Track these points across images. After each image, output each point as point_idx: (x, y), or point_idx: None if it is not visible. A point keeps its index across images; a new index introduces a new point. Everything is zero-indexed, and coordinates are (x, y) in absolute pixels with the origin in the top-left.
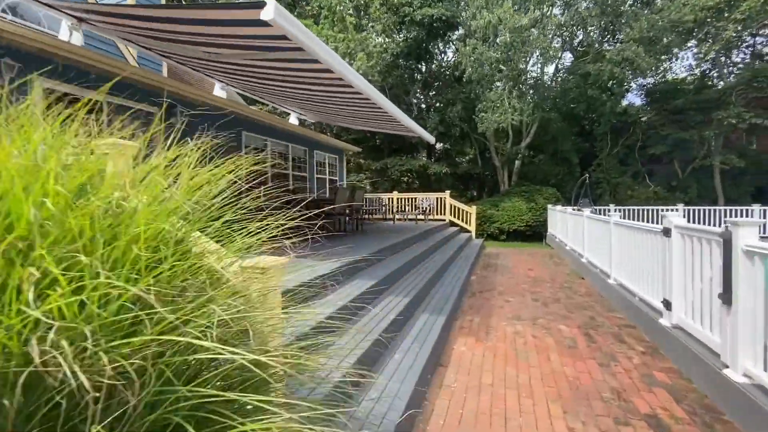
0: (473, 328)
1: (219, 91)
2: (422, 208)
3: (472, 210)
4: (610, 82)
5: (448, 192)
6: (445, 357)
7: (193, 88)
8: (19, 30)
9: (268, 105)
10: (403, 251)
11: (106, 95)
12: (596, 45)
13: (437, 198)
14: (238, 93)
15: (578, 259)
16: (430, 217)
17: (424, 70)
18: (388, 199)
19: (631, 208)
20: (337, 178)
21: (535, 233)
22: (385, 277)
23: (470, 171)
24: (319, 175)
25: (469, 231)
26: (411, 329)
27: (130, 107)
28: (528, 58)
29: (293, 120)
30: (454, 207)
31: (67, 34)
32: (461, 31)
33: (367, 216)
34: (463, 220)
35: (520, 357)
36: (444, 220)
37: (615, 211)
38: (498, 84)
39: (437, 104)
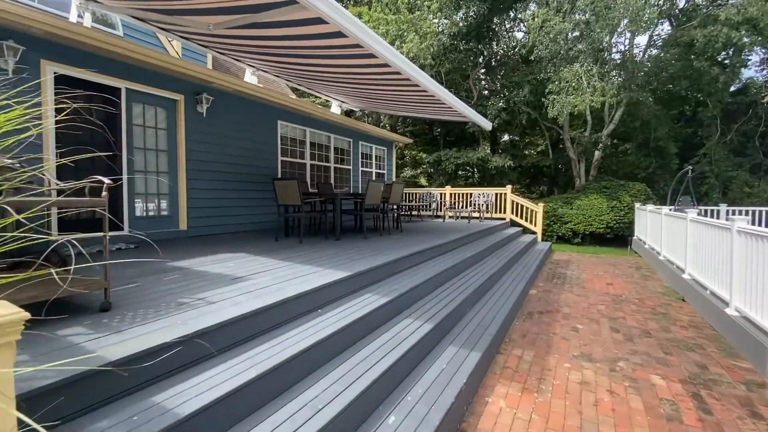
0: (521, 370)
1: (249, 77)
2: (478, 204)
3: (539, 208)
4: (725, 50)
5: (509, 187)
6: (469, 422)
7: (219, 74)
8: (22, 10)
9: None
10: (442, 257)
11: (125, 81)
12: (704, 8)
13: (497, 194)
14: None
15: (677, 274)
16: (487, 215)
17: (485, 51)
18: (440, 194)
19: (749, 209)
20: (384, 172)
21: (617, 237)
22: (405, 293)
23: (539, 164)
24: (364, 168)
25: (533, 232)
26: (426, 372)
27: (152, 93)
28: (613, 29)
29: (335, 109)
30: (517, 204)
31: (76, 15)
32: (531, 2)
33: (414, 213)
34: (526, 220)
35: (587, 431)
36: (504, 219)
37: (735, 213)
38: (575, 65)
39: (501, 89)
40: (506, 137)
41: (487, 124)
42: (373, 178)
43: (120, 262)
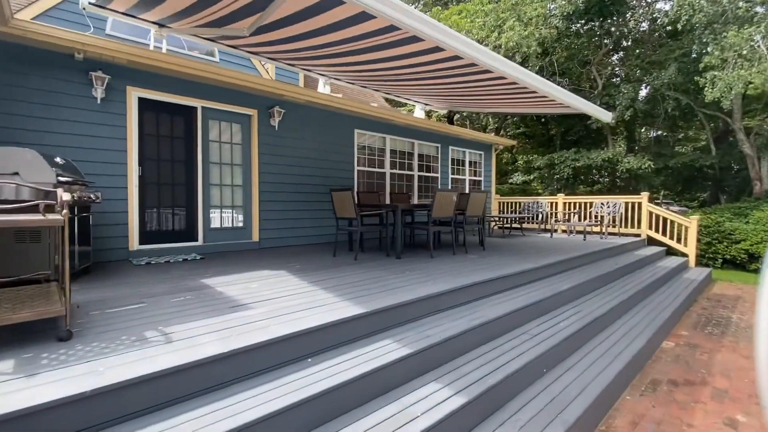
0: None
1: (322, 87)
2: (600, 216)
3: (691, 222)
4: None
5: (645, 194)
6: None
7: (290, 86)
8: (109, 44)
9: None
10: (523, 288)
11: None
12: None
13: (627, 203)
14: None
15: None
16: (613, 229)
17: (612, 29)
18: (550, 203)
19: None
20: (481, 179)
21: None
22: (436, 344)
23: (696, 163)
24: (455, 176)
25: (683, 254)
26: None
27: (225, 110)
28: None
29: (419, 113)
30: (657, 216)
31: (154, 42)
32: None
33: (516, 225)
34: (672, 237)
35: None
36: (638, 236)
37: None
38: (747, 28)
39: (635, 72)
40: (649, 132)
41: (605, 116)
42: (469, 187)
43: (150, 277)
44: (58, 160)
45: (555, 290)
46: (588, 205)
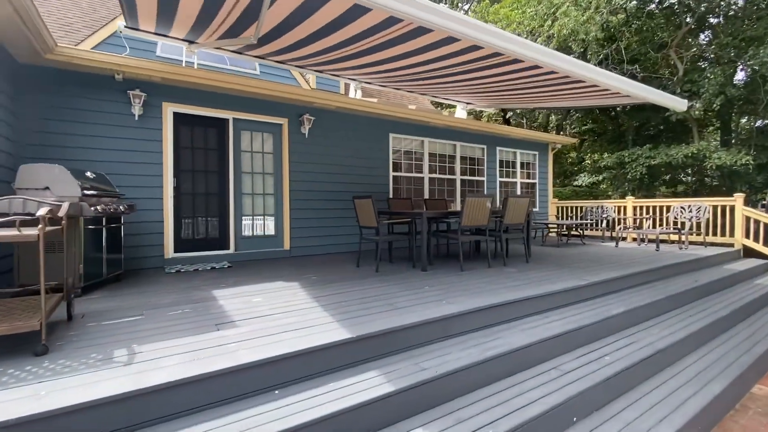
0: None
1: (353, 92)
2: (679, 222)
3: None
4: None
5: (739, 196)
6: None
7: (319, 92)
8: (144, 63)
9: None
10: (563, 310)
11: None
12: None
13: (715, 206)
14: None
15: None
16: (697, 238)
17: (695, 5)
18: (616, 208)
19: None
20: (535, 181)
21: None
22: (431, 381)
23: None
24: (505, 178)
25: None
26: None
27: (255, 120)
28: None
29: (460, 113)
30: (758, 222)
31: (198, 61)
32: None
33: (576, 233)
34: None
35: None
36: (730, 246)
37: None
38: None
39: (727, 52)
40: (752, 121)
41: (678, 104)
42: (521, 190)
43: (170, 286)
44: (88, 174)
45: (603, 314)
46: (664, 209)
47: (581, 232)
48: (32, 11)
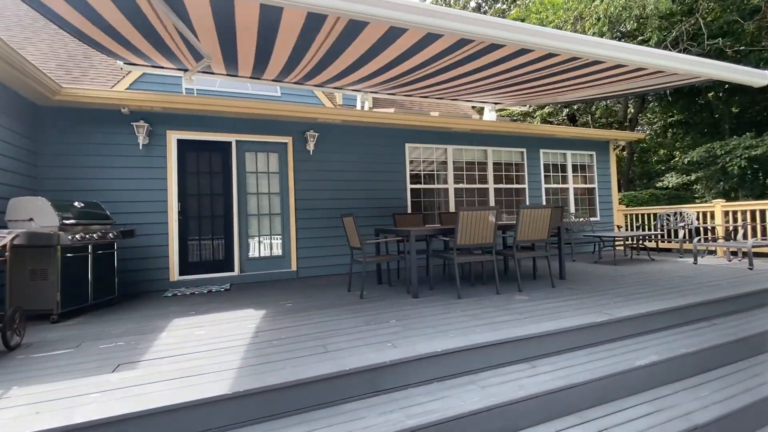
0: None
1: (360, 104)
2: None
3: None
4: None
5: None
6: None
7: (320, 108)
8: (144, 95)
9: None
10: (589, 351)
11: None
12: None
13: None
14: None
15: None
16: None
17: None
18: (699, 214)
19: None
20: (594, 185)
21: None
22: None
23: None
24: (552, 185)
25: None
26: None
27: (258, 141)
28: None
29: (489, 116)
30: None
31: (185, 85)
32: None
33: (649, 245)
34: None
35: None
36: None
37: None
38: None
39: None
40: None
41: (758, 78)
42: (571, 198)
43: (149, 312)
44: (76, 204)
45: (622, 365)
46: (765, 213)
47: (646, 244)
48: (24, 63)
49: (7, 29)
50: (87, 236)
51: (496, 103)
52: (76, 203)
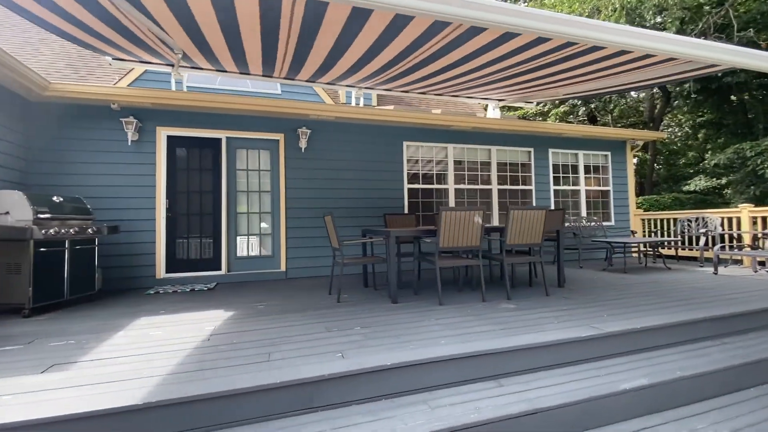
0: None
1: (353, 100)
2: None
3: None
4: None
5: None
6: None
7: (312, 104)
8: (132, 91)
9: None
10: (560, 372)
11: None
12: None
13: None
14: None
15: None
16: None
17: None
18: (725, 220)
19: None
20: (608, 188)
21: None
22: None
23: None
24: (561, 186)
25: None
26: None
27: (249, 138)
28: None
29: (493, 113)
30: None
31: (174, 82)
32: None
33: (668, 253)
34: None
35: None
36: None
37: None
38: None
39: None
40: None
41: None
42: (582, 201)
43: (122, 309)
44: (54, 198)
45: (604, 388)
46: None
47: (663, 252)
48: (9, 59)
49: (23, 31)
50: (63, 231)
51: (499, 100)
52: (54, 198)
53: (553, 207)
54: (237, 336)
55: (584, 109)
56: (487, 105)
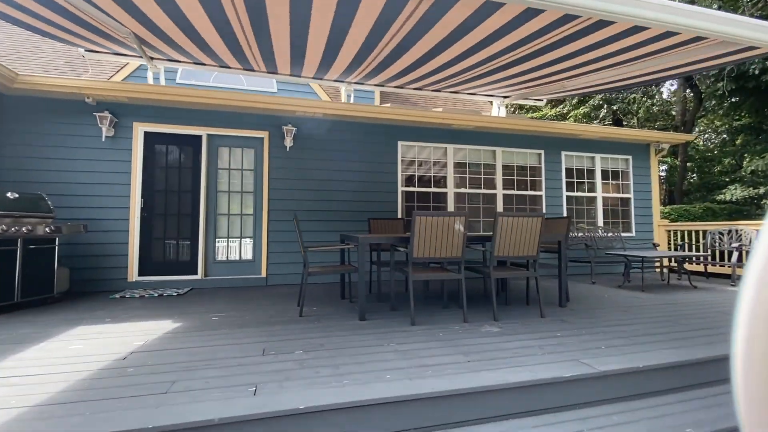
0: None
1: (344, 96)
2: None
3: None
4: None
5: None
6: None
7: (296, 100)
8: (107, 85)
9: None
10: (511, 424)
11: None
12: None
13: None
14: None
15: None
16: None
17: None
18: (756, 232)
19: None
20: (629, 195)
21: None
22: None
23: None
24: (575, 192)
25: None
26: None
27: (231, 135)
28: None
29: (498, 111)
30: None
31: (152, 77)
32: None
33: (696, 269)
34: None
35: None
36: None
37: None
38: None
39: None
40: None
41: None
42: (599, 208)
43: (61, 316)
44: (9, 195)
45: None
46: None
47: (688, 268)
48: None
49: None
50: (14, 229)
51: (504, 96)
52: (9, 194)
53: (565, 214)
54: (158, 356)
55: (605, 110)
56: (492, 102)
